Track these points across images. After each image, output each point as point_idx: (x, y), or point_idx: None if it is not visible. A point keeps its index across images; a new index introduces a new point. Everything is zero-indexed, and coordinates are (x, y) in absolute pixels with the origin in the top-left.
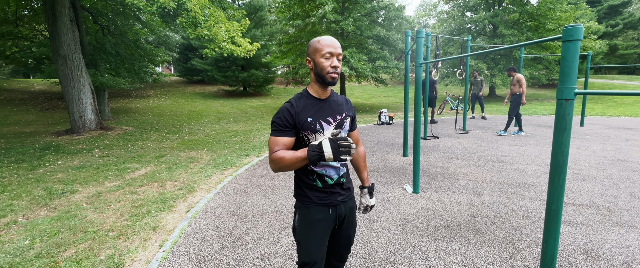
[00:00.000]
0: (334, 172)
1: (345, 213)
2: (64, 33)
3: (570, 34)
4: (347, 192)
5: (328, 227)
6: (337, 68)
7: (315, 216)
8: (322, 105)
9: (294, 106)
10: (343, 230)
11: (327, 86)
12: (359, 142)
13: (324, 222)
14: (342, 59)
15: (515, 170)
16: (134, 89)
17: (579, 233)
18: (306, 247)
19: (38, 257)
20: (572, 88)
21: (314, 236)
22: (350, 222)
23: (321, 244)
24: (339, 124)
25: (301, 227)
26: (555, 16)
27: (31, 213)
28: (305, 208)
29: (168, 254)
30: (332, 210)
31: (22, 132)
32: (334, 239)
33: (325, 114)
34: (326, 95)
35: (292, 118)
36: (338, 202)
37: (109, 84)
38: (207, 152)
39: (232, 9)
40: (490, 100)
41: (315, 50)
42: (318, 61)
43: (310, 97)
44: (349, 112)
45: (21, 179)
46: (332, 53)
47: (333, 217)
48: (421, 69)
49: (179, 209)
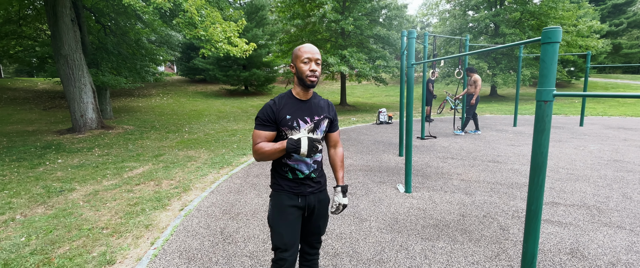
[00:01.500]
0: (305, 168)
1: (315, 203)
2: (65, 33)
3: (548, 37)
4: (317, 185)
5: (298, 214)
6: (315, 72)
7: (286, 203)
8: (302, 105)
9: (276, 104)
10: (313, 220)
11: (308, 88)
12: (339, 144)
13: (293, 209)
14: (342, 59)
15: (509, 170)
16: (136, 88)
17: (567, 233)
18: (278, 230)
19: (33, 254)
20: (551, 90)
21: (285, 221)
22: (320, 213)
23: (292, 230)
24: (316, 125)
25: (273, 213)
26: (557, 15)
27: (29, 211)
28: (278, 195)
29: (159, 252)
30: (302, 199)
31: (24, 131)
32: (305, 228)
33: (303, 114)
34: (307, 97)
35: (274, 115)
36: (307, 193)
37: (111, 83)
38: (205, 151)
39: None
40: (491, 99)
41: (296, 56)
42: (298, 66)
43: (292, 98)
44: (329, 114)
45: (21, 177)
46: (310, 58)
47: (302, 205)
48: (413, 69)
49: (173, 207)
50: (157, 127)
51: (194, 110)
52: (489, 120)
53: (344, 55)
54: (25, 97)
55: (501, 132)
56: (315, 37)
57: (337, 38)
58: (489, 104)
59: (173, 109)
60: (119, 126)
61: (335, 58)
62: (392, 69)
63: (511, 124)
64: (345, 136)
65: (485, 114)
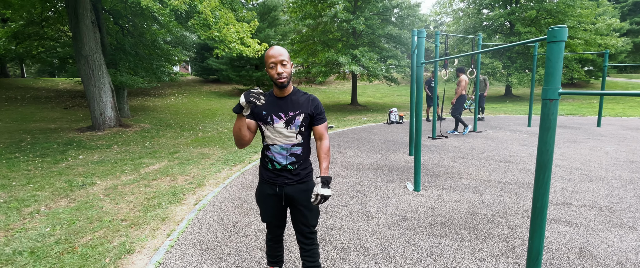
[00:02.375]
0: (282, 159)
1: (292, 193)
2: (86, 34)
3: (554, 36)
4: (295, 177)
5: (276, 202)
6: (281, 74)
7: (265, 191)
8: (279, 102)
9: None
10: (298, 210)
11: (280, 87)
12: (324, 136)
13: (272, 197)
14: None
15: (521, 170)
16: (152, 88)
17: (576, 233)
18: (261, 210)
19: (57, 243)
20: (557, 88)
21: (264, 205)
22: (302, 203)
23: (271, 212)
24: (289, 120)
25: (257, 197)
26: (575, 13)
27: (53, 203)
28: (260, 184)
29: (175, 243)
30: (279, 189)
31: (47, 128)
32: (293, 217)
33: (277, 110)
34: (283, 94)
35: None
36: (284, 184)
37: (128, 83)
38: (218, 149)
39: (242, 10)
40: (506, 99)
41: (265, 62)
42: (267, 70)
43: (272, 95)
44: (307, 110)
45: (45, 172)
46: (274, 62)
47: (279, 194)
48: (422, 69)
49: (188, 202)
50: (172, 125)
51: (208, 109)
52: (502, 120)
53: (355, 55)
54: (47, 97)
55: (514, 132)
56: (327, 37)
57: (349, 38)
58: (503, 104)
59: (187, 108)
60: (136, 125)
61: (346, 58)
62: (404, 69)
63: (525, 124)
64: (356, 135)
65: (499, 114)
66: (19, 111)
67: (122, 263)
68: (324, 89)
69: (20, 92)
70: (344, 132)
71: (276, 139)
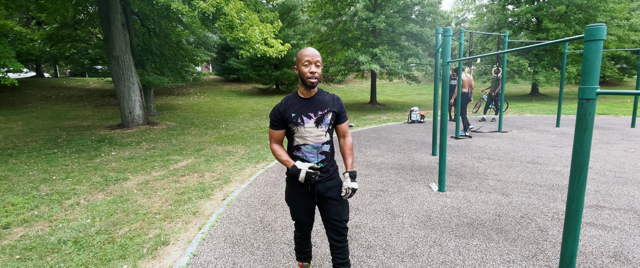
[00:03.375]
0: (313, 158)
1: (323, 190)
2: (117, 36)
3: (592, 34)
4: (325, 174)
5: (307, 199)
6: (314, 73)
7: (296, 189)
8: (306, 103)
9: (282, 105)
10: (330, 206)
11: (309, 88)
12: (347, 134)
13: (303, 195)
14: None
15: (550, 172)
16: (176, 87)
17: (611, 236)
18: (291, 208)
19: (98, 233)
20: (594, 88)
21: (296, 202)
22: (334, 198)
23: (303, 209)
24: (319, 119)
25: (287, 194)
26: (607, 8)
27: (91, 197)
28: (290, 183)
29: (206, 236)
30: (311, 187)
31: (80, 126)
32: (325, 211)
33: (306, 111)
34: (310, 95)
35: (281, 115)
36: (316, 181)
37: (155, 82)
38: (241, 147)
39: (266, 12)
40: (532, 98)
41: (298, 60)
42: (300, 68)
43: (297, 97)
44: (333, 108)
45: (82, 167)
46: (309, 61)
47: (311, 192)
48: (448, 67)
49: (216, 197)
50: (196, 124)
51: (229, 108)
52: (528, 120)
53: (374, 53)
54: (79, 96)
55: (542, 133)
56: (346, 35)
57: (368, 36)
58: (530, 103)
59: (210, 107)
60: (162, 123)
61: (366, 56)
62: (425, 67)
63: (554, 124)
64: (376, 134)
65: (525, 113)
66: (54, 109)
67: (158, 254)
68: (343, 88)
69: (54, 92)
70: (364, 131)
71: (307, 139)
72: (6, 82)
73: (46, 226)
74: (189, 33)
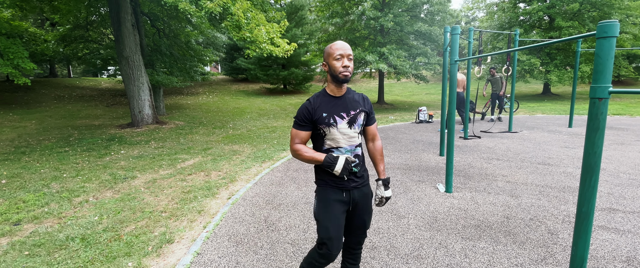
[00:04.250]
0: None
1: (359, 198)
2: (127, 37)
3: (604, 31)
4: (360, 180)
5: (342, 208)
6: (347, 67)
7: (331, 197)
8: (337, 102)
9: (312, 104)
10: (358, 215)
11: (341, 83)
12: (377, 137)
13: (338, 203)
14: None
15: (561, 173)
16: (185, 87)
17: (624, 240)
18: (324, 223)
19: (105, 231)
20: (606, 87)
21: (330, 213)
22: (364, 208)
23: (336, 222)
24: (352, 119)
25: (319, 206)
26: (623, 5)
27: (100, 194)
28: (323, 190)
29: (210, 234)
30: (346, 193)
31: (91, 124)
32: (350, 223)
33: (339, 110)
34: (341, 93)
35: (310, 114)
36: (351, 187)
37: (164, 82)
38: (248, 146)
39: (272, 11)
40: (544, 98)
41: (329, 54)
42: (331, 63)
43: (327, 96)
44: (364, 108)
45: (92, 165)
46: (342, 55)
47: (347, 200)
48: (456, 67)
49: (222, 196)
50: (204, 123)
51: (237, 108)
52: (540, 120)
53: (382, 52)
54: (90, 95)
55: (554, 133)
56: (354, 35)
57: (376, 35)
58: (541, 103)
59: (218, 107)
60: (171, 122)
61: (374, 56)
62: (434, 67)
63: (566, 124)
64: (383, 134)
65: (536, 113)
66: (66, 108)
67: (163, 252)
68: (350, 88)
69: (67, 91)
70: None
71: (340, 141)
72: (19, 82)
73: (55, 223)
74: (197, 33)
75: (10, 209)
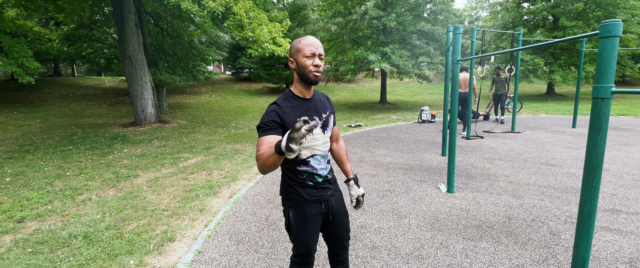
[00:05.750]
0: (323, 170)
1: (335, 204)
2: (130, 36)
3: (607, 30)
4: (334, 185)
5: (319, 221)
6: (319, 67)
7: (310, 212)
8: (309, 105)
9: (281, 108)
10: (338, 221)
11: (310, 85)
12: (340, 137)
13: (317, 217)
14: (383, 56)
15: (564, 174)
16: (188, 86)
17: (626, 242)
18: (303, 239)
19: (107, 229)
20: (609, 87)
21: (309, 229)
22: (342, 212)
23: (316, 235)
24: (325, 123)
25: (297, 224)
26: (628, 5)
27: (102, 193)
28: (299, 207)
29: (212, 233)
30: (324, 204)
31: (95, 123)
32: (333, 231)
33: (312, 114)
34: (310, 94)
35: (280, 118)
36: (328, 196)
37: (167, 81)
38: (250, 145)
39: (275, 10)
40: (548, 98)
41: (298, 50)
42: (300, 60)
43: (296, 98)
44: (332, 109)
45: (95, 164)
46: (313, 53)
47: (325, 211)
48: (458, 66)
49: (223, 195)
50: (207, 122)
51: (240, 107)
52: (543, 120)
53: (385, 52)
54: (94, 94)
55: (557, 133)
56: (356, 34)
57: (379, 35)
58: (545, 103)
59: (221, 106)
60: (174, 121)
61: (376, 55)
62: (437, 66)
63: (570, 125)
64: (385, 134)
65: (540, 114)
66: (70, 107)
67: (164, 250)
68: (352, 87)
69: (71, 90)
70: (373, 131)
71: (316, 147)
72: (24, 81)
73: (58, 220)
74: (200, 33)
75: (14, 207)
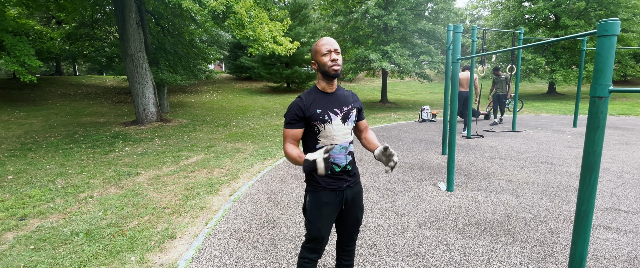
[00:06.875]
0: (342, 160)
1: (351, 197)
2: (132, 35)
3: (605, 29)
4: (352, 178)
5: (335, 209)
6: (336, 61)
7: (324, 200)
8: (330, 98)
9: (303, 101)
10: (351, 213)
11: (332, 79)
12: (368, 128)
13: (331, 205)
14: (384, 55)
15: (564, 173)
16: (189, 85)
17: (625, 240)
18: (315, 224)
19: (109, 226)
20: (607, 85)
21: (322, 216)
22: (357, 205)
23: (328, 223)
24: (346, 115)
25: (311, 208)
26: (630, 4)
27: (104, 190)
28: (316, 192)
29: (212, 230)
30: (339, 194)
31: (96, 122)
32: (344, 221)
33: (332, 106)
34: (333, 89)
35: (302, 111)
36: (344, 187)
37: (168, 80)
38: (251, 144)
39: (275, 9)
40: (549, 97)
41: (316, 52)
42: (319, 59)
43: (319, 92)
44: (355, 104)
45: (96, 162)
46: (329, 50)
47: (340, 200)
48: (458, 65)
49: (224, 193)
50: (208, 121)
51: (241, 106)
52: (544, 120)
53: (386, 51)
54: (96, 93)
55: (558, 133)
56: (357, 33)
57: (380, 34)
58: (546, 103)
59: (221, 105)
60: (175, 120)
61: (377, 54)
62: (438, 65)
63: (571, 124)
64: (386, 133)
65: (541, 113)
66: (72, 106)
67: (165, 247)
68: (353, 86)
69: (73, 89)
70: (373, 130)
71: (335, 138)
72: (25, 80)
73: (60, 218)
74: (201, 32)
75: (17, 204)
